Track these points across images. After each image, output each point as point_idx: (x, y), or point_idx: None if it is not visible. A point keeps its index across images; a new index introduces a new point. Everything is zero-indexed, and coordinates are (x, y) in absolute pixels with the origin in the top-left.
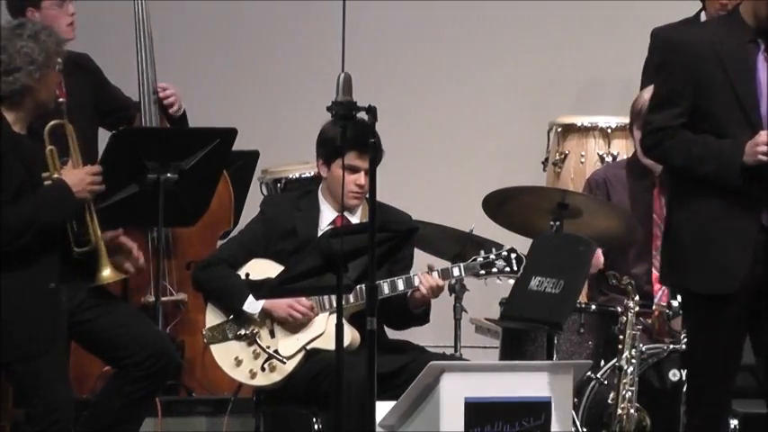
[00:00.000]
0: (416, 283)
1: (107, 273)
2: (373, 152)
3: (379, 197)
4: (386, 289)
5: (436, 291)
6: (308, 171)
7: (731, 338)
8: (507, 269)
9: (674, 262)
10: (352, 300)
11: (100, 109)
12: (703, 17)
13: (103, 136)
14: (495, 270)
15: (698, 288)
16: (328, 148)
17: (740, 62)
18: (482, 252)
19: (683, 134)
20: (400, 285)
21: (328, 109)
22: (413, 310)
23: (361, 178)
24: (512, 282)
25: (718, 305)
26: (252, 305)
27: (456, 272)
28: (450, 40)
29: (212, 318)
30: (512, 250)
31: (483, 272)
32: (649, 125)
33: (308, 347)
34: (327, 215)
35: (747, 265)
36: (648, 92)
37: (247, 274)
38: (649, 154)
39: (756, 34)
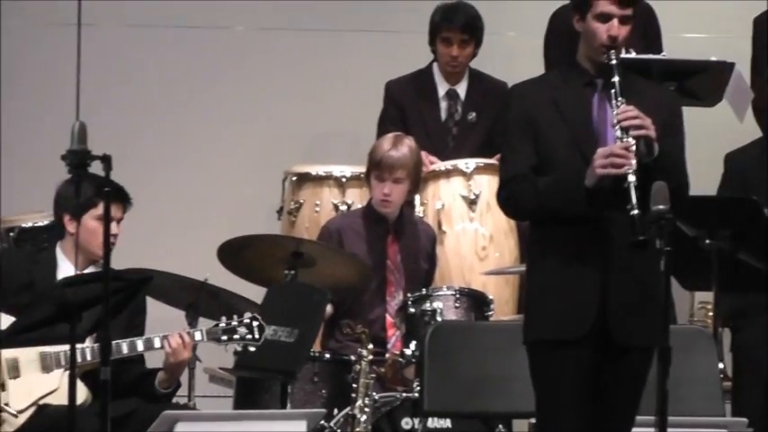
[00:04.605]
0: (157, 345)
1: None
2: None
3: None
4: (125, 349)
5: (186, 347)
6: (43, 220)
7: (579, 384)
8: (249, 336)
9: (526, 311)
10: (89, 358)
11: None
12: (435, 69)
13: None
14: (236, 337)
15: (540, 335)
16: (78, 202)
17: (576, 105)
18: (224, 318)
19: (532, 177)
20: (139, 346)
21: (63, 158)
22: (161, 390)
23: (115, 227)
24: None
25: (558, 353)
26: None
27: (198, 336)
28: (184, 90)
29: None
30: (254, 318)
31: (225, 338)
32: (502, 180)
33: (41, 402)
34: (65, 270)
35: (595, 309)
36: (387, 140)
37: None
38: (505, 208)
39: (594, 76)
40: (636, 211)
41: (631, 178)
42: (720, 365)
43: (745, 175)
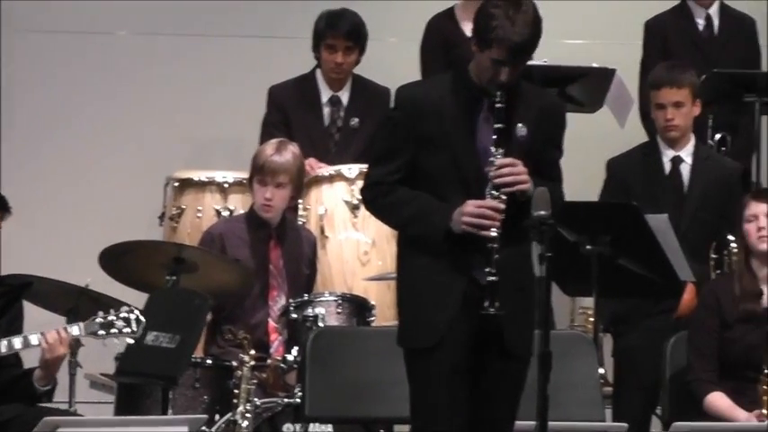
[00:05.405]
0: (35, 342)
1: None
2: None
3: None
4: (2, 348)
5: (62, 342)
6: None
7: (454, 388)
8: (127, 330)
9: (398, 315)
10: None
11: None
12: (319, 75)
13: None
14: (114, 330)
15: (404, 343)
16: None
17: (462, 121)
18: (101, 312)
19: (398, 192)
20: (17, 344)
21: None
22: (40, 388)
23: None
24: (130, 340)
25: (426, 359)
26: None
27: (75, 331)
28: (64, 95)
29: None
30: (130, 311)
31: (102, 332)
32: (368, 179)
33: None
34: None
35: (448, 319)
36: (270, 145)
37: None
38: (367, 208)
39: (481, 92)
40: (493, 278)
41: (495, 243)
42: (601, 370)
43: (626, 181)
